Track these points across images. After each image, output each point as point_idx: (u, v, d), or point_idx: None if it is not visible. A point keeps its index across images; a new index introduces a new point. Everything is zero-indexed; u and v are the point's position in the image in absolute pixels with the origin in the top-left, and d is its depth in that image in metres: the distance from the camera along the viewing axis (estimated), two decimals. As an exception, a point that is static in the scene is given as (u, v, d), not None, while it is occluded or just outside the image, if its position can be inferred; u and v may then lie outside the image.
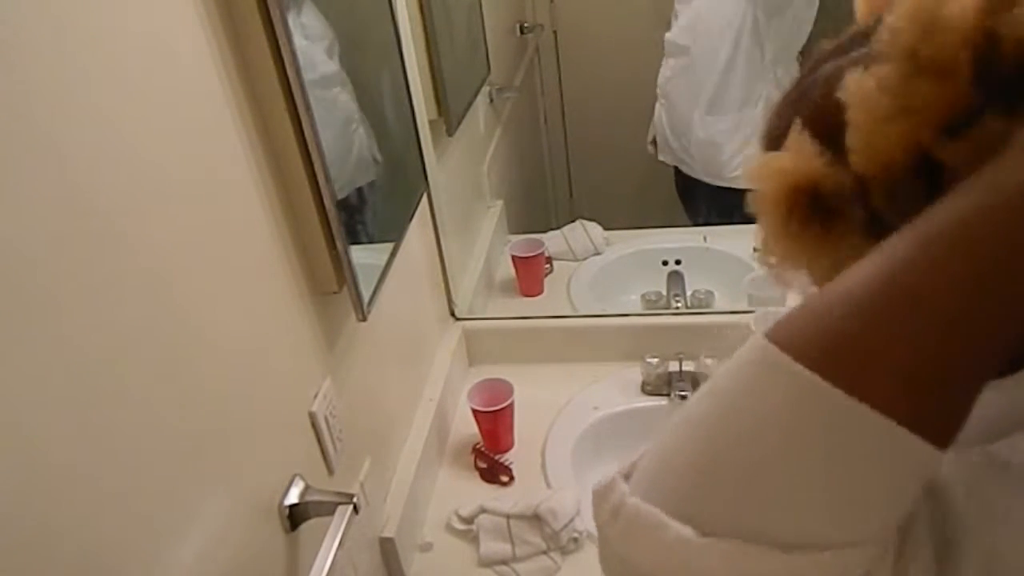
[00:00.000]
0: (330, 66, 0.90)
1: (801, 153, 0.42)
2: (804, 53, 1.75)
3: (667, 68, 1.89)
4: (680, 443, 0.37)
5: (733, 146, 1.79)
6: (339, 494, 0.86)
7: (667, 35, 1.86)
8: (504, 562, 1.14)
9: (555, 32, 2.22)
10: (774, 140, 0.46)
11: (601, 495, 0.39)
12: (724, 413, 0.36)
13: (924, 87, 0.37)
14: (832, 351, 0.33)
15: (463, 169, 1.61)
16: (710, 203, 1.92)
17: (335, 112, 0.91)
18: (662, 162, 1.99)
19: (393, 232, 1.08)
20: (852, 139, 0.40)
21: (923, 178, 0.38)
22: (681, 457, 0.37)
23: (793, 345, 0.34)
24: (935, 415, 0.32)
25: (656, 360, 1.39)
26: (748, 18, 1.70)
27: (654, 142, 2.00)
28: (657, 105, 1.95)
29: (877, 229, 0.39)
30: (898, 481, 0.33)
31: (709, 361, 1.35)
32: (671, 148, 1.94)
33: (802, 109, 0.45)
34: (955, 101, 0.36)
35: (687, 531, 0.34)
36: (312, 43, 0.85)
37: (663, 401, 1.38)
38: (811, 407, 0.33)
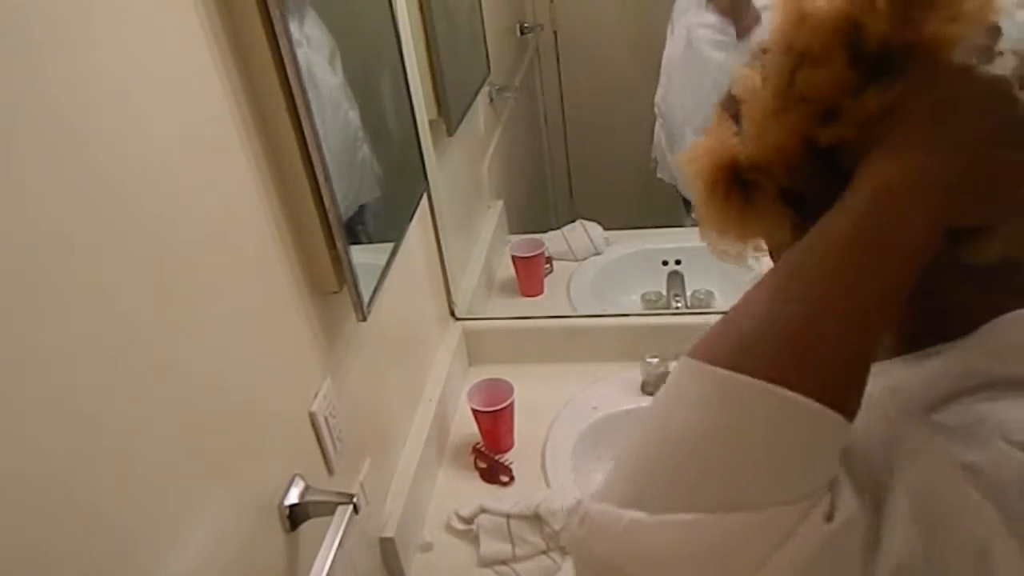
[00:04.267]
0: (334, 79, 0.89)
1: (719, 135, 0.48)
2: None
3: (662, 87, 1.89)
4: (624, 452, 0.42)
5: None
6: (339, 494, 0.86)
7: (665, 52, 1.85)
8: (504, 562, 1.14)
9: (555, 32, 2.21)
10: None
11: (571, 512, 0.44)
12: (655, 414, 0.41)
13: (804, 77, 0.43)
14: (740, 351, 0.39)
15: (463, 169, 1.61)
16: None
17: (341, 129, 0.90)
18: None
19: (393, 232, 1.08)
20: (746, 130, 0.46)
21: (818, 156, 0.44)
22: (625, 460, 0.41)
23: (707, 353, 0.40)
24: (831, 388, 0.37)
25: (656, 360, 1.39)
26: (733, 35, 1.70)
27: (655, 160, 2.00)
28: (656, 124, 1.95)
29: (790, 199, 0.46)
30: (808, 445, 0.37)
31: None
32: (669, 167, 1.94)
33: (724, 100, 0.50)
34: (837, 83, 0.42)
35: (639, 515, 0.38)
36: (315, 53, 0.84)
37: (663, 401, 1.37)
38: (729, 393, 0.38)
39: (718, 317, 0.44)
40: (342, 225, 0.85)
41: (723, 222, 0.49)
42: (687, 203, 2.00)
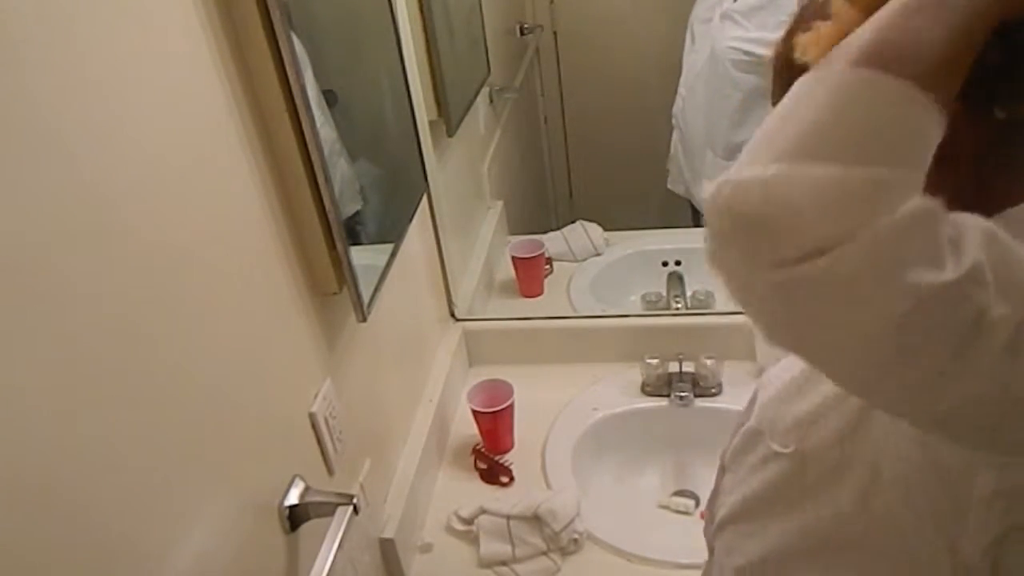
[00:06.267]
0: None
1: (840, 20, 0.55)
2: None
3: (680, 98, 1.85)
4: (758, 133, 0.47)
5: None
6: (339, 495, 0.86)
7: (685, 62, 1.80)
8: (504, 563, 1.14)
9: (555, 33, 2.21)
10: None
11: (708, 188, 0.46)
12: (785, 103, 0.46)
13: None
14: (858, 57, 0.44)
15: (463, 169, 1.61)
16: None
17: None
18: (662, 163, 1.98)
19: (393, 233, 1.08)
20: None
21: None
22: (760, 136, 0.46)
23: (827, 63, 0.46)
24: (932, 87, 0.44)
25: (656, 361, 1.39)
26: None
27: (669, 171, 1.98)
28: (673, 135, 1.93)
29: None
30: (917, 124, 0.44)
31: (709, 362, 1.35)
32: (683, 179, 1.92)
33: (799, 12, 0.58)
34: None
35: (781, 166, 0.43)
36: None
37: (663, 402, 1.37)
38: (856, 78, 0.44)
39: (718, 318, 0.47)
40: (342, 226, 0.85)
41: None
42: (696, 212, 1.99)
